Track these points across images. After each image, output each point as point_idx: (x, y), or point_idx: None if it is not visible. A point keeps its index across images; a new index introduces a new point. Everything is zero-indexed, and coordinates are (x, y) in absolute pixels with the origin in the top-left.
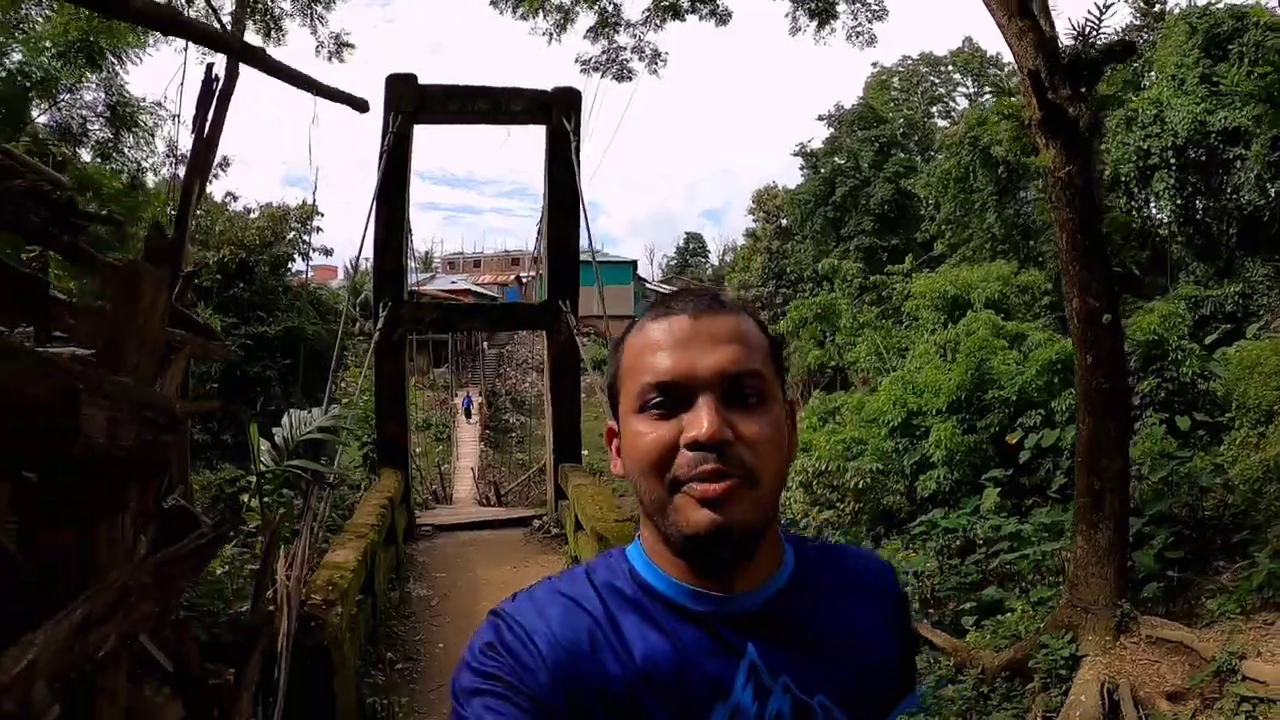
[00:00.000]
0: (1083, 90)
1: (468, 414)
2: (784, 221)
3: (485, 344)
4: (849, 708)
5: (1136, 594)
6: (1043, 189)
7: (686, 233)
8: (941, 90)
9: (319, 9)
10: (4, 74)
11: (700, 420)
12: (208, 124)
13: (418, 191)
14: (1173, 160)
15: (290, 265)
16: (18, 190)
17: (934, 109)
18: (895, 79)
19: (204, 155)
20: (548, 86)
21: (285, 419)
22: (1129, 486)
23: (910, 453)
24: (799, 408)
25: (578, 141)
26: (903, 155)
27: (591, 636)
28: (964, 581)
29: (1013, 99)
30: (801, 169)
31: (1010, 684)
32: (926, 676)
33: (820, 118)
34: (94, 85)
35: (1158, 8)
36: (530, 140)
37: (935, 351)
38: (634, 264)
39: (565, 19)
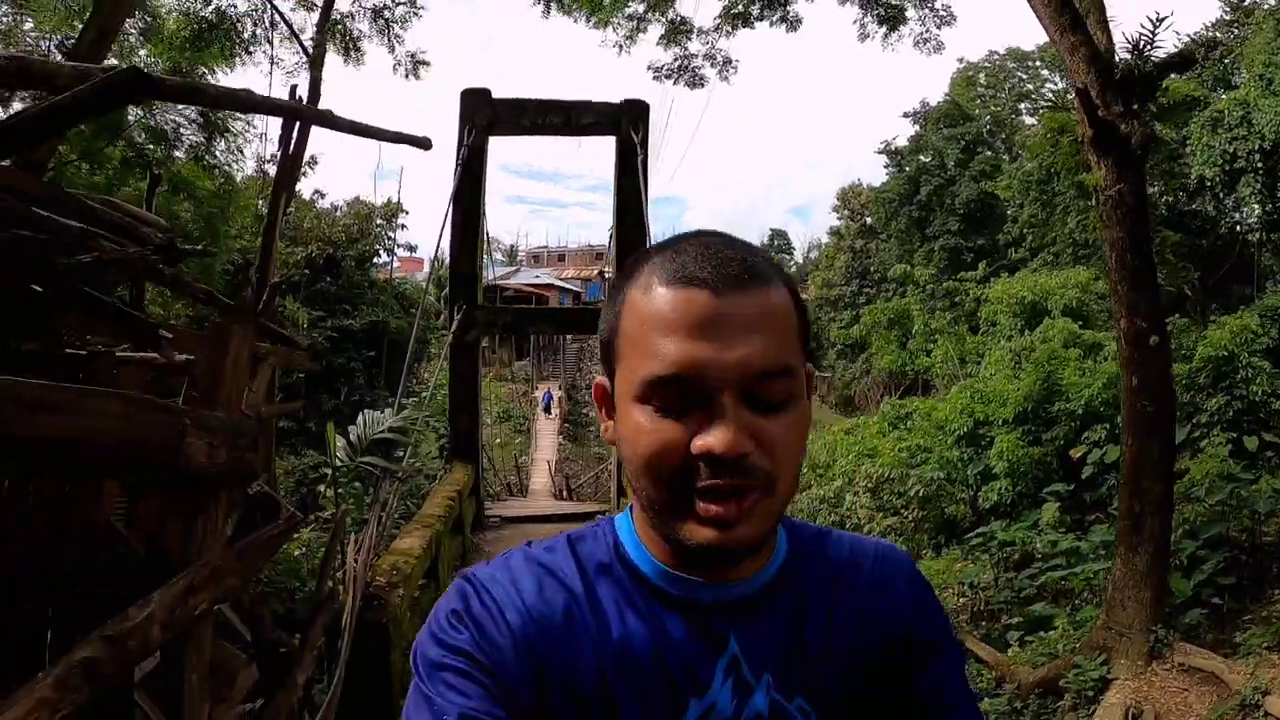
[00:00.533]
0: (1135, 106)
1: (547, 410)
2: (868, 220)
3: (567, 338)
4: (829, 711)
5: (1179, 620)
6: (1096, 205)
7: (771, 229)
8: (1029, 86)
9: (396, 29)
10: None
11: (716, 430)
12: (293, 140)
13: (505, 184)
14: (1260, 164)
15: (375, 260)
16: (132, 257)
17: (1022, 105)
18: (982, 74)
19: (290, 170)
20: (623, 86)
21: (360, 418)
22: (1171, 511)
23: (974, 462)
24: (817, 384)
25: (645, 154)
26: (989, 154)
27: (567, 613)
28: (1016, 595)
29: (1068, 113)
30: (886, 167)
31: (1043, 701)
32: None
33: (905, 115)
34: None
35: (1247, 2)
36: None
37: (1010, 359)
38: None
39: (636, 29)
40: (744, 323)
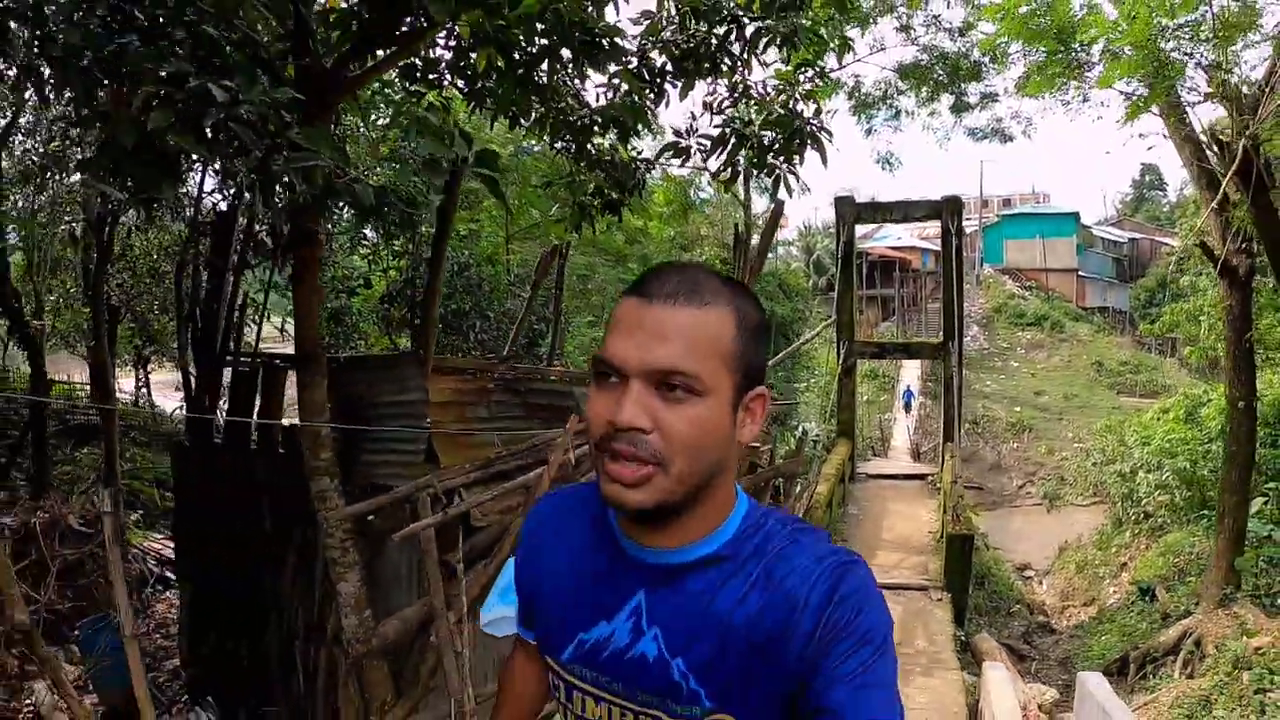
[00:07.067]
0: (1244, 246)
1: (907, 408)
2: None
3: (927, 301)
4: (708, 682)
5: (1258, 583)
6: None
7: (1141, 163)
8: None
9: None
10: None
11: (622, 406)
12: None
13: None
14: None
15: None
16: None
17: None
18: None
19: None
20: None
21: (801, 429)
22: (1246, 513)
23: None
24: (767, 400)
25: (959, 241)
26: None
27: (562, 524)
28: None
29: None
30: None
31: (1164, 622)
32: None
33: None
34: None
35: None
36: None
37: None
38: (1076, 215)
39: (958, 107)
40: (659, 330)
